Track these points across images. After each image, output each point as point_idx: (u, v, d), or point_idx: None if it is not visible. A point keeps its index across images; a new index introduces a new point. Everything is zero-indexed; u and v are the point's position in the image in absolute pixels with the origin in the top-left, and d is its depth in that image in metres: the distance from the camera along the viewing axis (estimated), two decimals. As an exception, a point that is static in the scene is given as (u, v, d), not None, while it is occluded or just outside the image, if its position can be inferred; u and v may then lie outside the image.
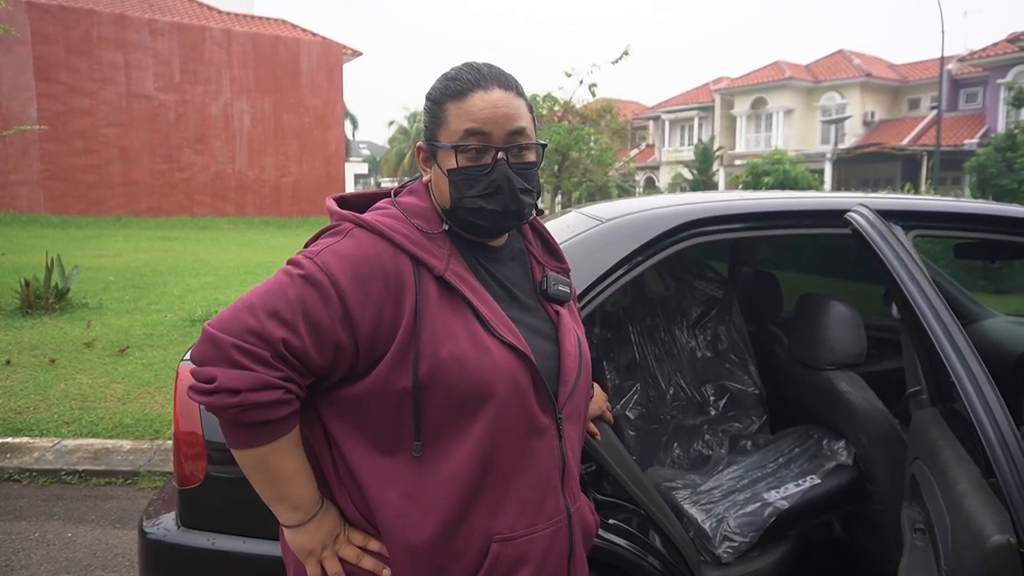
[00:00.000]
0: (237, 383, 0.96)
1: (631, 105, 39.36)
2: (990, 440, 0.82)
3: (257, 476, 1.06)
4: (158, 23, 19.21)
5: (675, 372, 2.40)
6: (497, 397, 1.03)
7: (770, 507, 1.85)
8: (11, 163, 17.32)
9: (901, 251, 1.06)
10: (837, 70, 30.95)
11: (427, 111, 1.12)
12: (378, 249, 1.04)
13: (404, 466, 1.04)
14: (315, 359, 1.01)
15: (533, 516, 1.09)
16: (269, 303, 1.00)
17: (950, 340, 0.92)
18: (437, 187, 1.12)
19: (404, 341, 1.01)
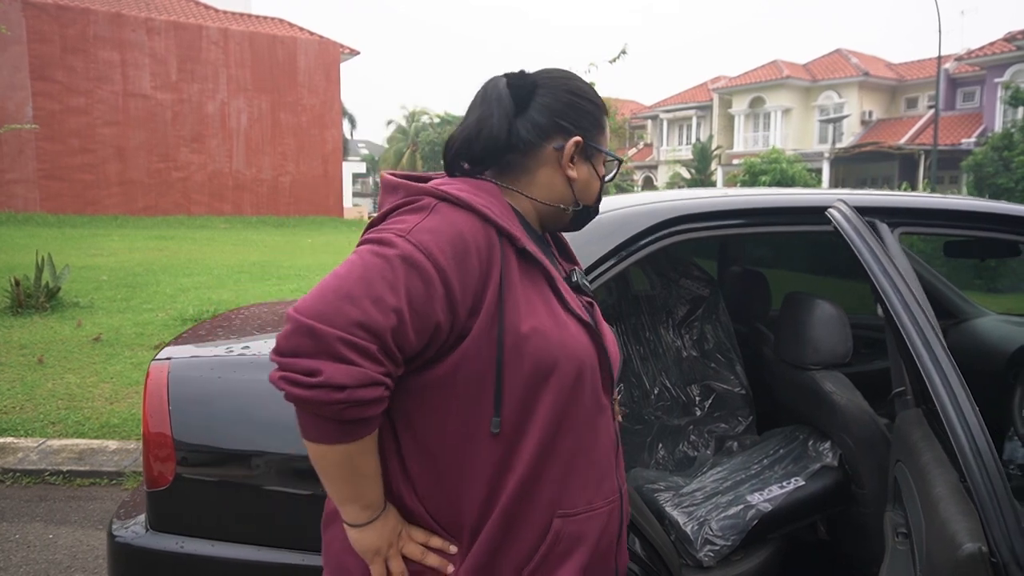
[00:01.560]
0: (344, 379, 0.90)
1: (629, 104, 39.36)
2: (961, 444, 0.79)
3: (335, 473, 1.00)
4: (155, 22, 19.17)
5: (660, 372, 2.36)
6: (573, 372, 1.04)
7: (753, 509, 1.82)
8: (7, 162, 17.29)
9: (878, 248, 1.02)
10: (835, 69, 30.94)
11: (586, 112, 1.13)
12: (469, 223, 1.00)
13: (485, 444, 1.03)
14: (415, 345, 0.97)
15: (592, 494, 1.09)
16: (371, 290, 0.93)
17: (923, 340, 0.89)
18: (584, 186, 1.14)
19: (490, 315, 1.00)
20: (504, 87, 1.12)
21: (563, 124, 1.11)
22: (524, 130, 1.11)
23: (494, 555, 1.05)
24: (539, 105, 1.11)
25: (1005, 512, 0.76)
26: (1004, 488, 0.78)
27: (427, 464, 1.05)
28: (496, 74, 1.15)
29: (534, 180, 1.13)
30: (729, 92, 33.32)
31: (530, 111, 1.11)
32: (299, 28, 22.10)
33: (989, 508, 0.76)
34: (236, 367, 1.72)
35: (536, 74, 1.15)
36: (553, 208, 1.14)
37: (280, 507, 1.61)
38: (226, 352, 1.84)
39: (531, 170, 1.13)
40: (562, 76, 1.15)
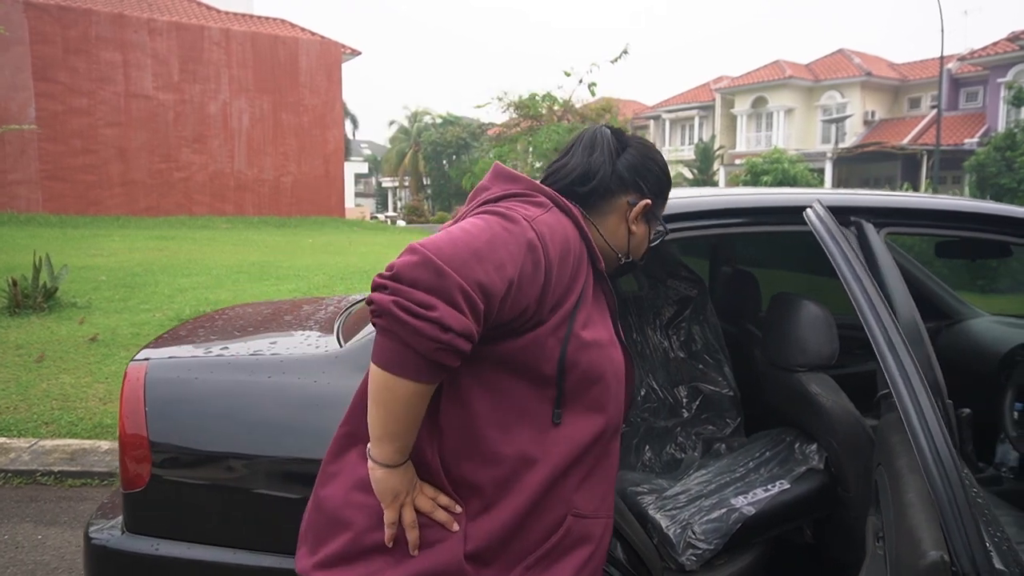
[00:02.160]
0: (453, 323, 0.97)
1: (632, 104, 39.30)
2: (923, 452, 0.77)
3: (397, 408, 1.05)
4: (157, 22, 19.19)
5: (647, 373, 2.34)
6: (613, 388, 1.18)
7: (736, 513, 1.80)
8: (9, 163, 17.30)
9: (849, 250, 1.00)
10: (838, 69, 30.85)
11: (660, 183, 1.30)
12: (572, 231, 1.15)
13: (526, 425, 1.12)
14: (504, 317, 1.05)
15: (598, 505, 1.21)
16: (497, 256, 1.02)
17: (888, 344, 0.87)
18: (637, 242, 1.30)
19: (565, 315, 1.10)
20: (610, 136, 1.29)
21: (642, 185, 1.28)
22: (610, 178, 1.27)
23: (513, 533, 1.13)
24: (627, 162, 1.28)
25: (966, 522, 0.74)
26: (966, 497, 0.76)
27: (465, 430, 1.12)
28: (599, 127, 1.33)
29: (604, 222, 1.27)
30: (731, 92, 33.25)
31: (618, 163, 1.27)
32: (301, 28, 22.11)
33: (950, 517, 0.74)
34: (214, 368, 1.71)
35: (629, 136, 1.33)
36: (611, 251, 1.28)
37: (256, 509, 1.60)
38: (204, 353, 1.83)
39: (604, 213, 1.27)
40: (647, 144, 1.33)
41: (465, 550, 1.12)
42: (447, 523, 1.13)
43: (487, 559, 1.14)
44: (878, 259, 1.81)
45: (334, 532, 1.16)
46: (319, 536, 1.18)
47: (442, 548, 1.12)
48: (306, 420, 1.59)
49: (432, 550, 1.13)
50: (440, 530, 1.13)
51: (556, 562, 1.17)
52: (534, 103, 20.11)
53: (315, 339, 1.87)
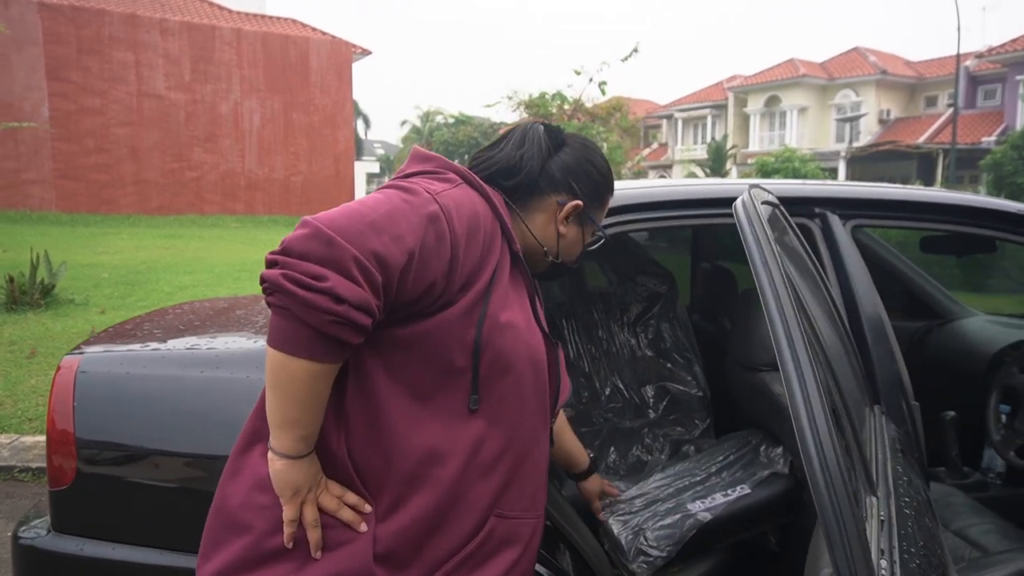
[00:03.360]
0: (347, 293, 0.92)
1: (644, 104, 39.11)
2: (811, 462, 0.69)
3: (293, 391, 0.98)
4: (169, 23, 19.31)
5: (612, 372, 2.26)
6: (530, 374, 1.12)
7: (691, 519, 1.71)
8: (23, 162, 17.48)
9: (767, 246, 0.92)
10: (852, 67, 30.50)
11: (596, 187, 1.26)
12: (483, 208, 1.10)
13: (431, 415, 1.06)
14: (407, 295, 1.00)
15: (527, 503, 1.15)
16: (394, 227, 0.97)
17: (790, 346, 0.80)
18: (568, 245, 1.26)
19: (477, 296, 1.06)
20: (543, 133, 1.25)
21: (573, 186, 1.23)
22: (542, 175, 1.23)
23: (427, 534, 1.06)
24: (560, 161, 1.24)
25: (850, 538, 0.66)
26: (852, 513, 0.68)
27: (366, 417, 1.05)
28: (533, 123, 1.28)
29: (532, 219, 1.24)
30: (744, 91, 32.97)
31: (551, 162, 1.23)
32: (312, 28, 22.17)
33: (834, 533, 0.66)
34: (146, 363, 1.66)
35: (567, 135, 1.28)
36: (538, 248, 1.24)
37: (183, 509, 1.54)
38: (140, 347, 1.77)
39: (533, 210, 1.23)
40: (589, 146, 1.29)
41: (374, 551, 1.05)
42: (354, 523, 1.05)
43: (400, 562, 1.06)
44: (842, 251, 1.72)
45: (232, 536, 1.09)
46: (216, 539, 1.11)
47: (348, 550, 1.05)
48: (237, 416, 1.52)
49: (337, 552, 1.05)
50: (346, 530, 1.05)
51: (479, 566, 1.10)
52: (544, 102, 20.05)
53: (258, 334, 1.81)
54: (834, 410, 0.93)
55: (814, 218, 1.76)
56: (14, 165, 17.23)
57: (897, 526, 0.98)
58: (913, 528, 1.01)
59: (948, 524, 2.00)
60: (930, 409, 2.27)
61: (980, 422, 2.43)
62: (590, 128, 19.11)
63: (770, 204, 1.38)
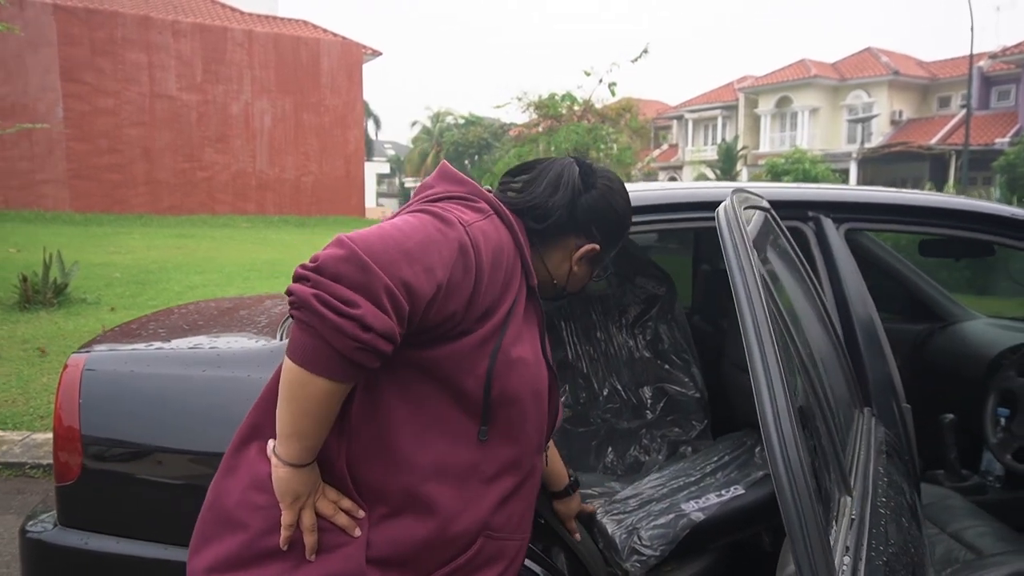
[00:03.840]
0: (376, 322, 0.93)
1: (654, 104, 39.03)
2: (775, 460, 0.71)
3: (309, 406, 1.00)
4: (181, 24, 19.47)
5: (610, 373, 2.28)
6: (533, 408, 1.14)
7: (685, 519, 1.73)
8: (38, 162, 17.67)
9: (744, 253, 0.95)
10: (864, 68, 30.32)
11: (614, 231, 1.28)
12: (507, 241, 1.12)
13: (440, 437, 1.08)
14: (428, 322, 1.02)
15: (517, 524, 1.18)
16: (427, 258, 0.99)
17: (762, 356, 0.82)
18: (578, 280, 1.29)
19: (492, 329, 1.07)
20: (578, 177, 1.24)
21: (593, 229, 1.25)
22: (567, 214, 1.23)
23: (420, 545, 1.09)
24: (586, 204, 1.24)
25: (811, 536, 0.68)
26: (813, 510, 0.70)
27: (371, 432, 1.07)
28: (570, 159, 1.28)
29: (550, 254, 1.25)
30: (755, 92, 32.85)
31: (578, 203, 1.23)
32: (323, 30, 22.28)
33: (795, 531, 0.68)
34: (150, 361, 1.70)
35: (598, 174, 1.27)
36: (549, 279, 1.26)
37: (183, 504, 1.57)
38: (145, 346, 1.81)
39: (551, 246, 1.24)
40: (612, 188, 1.28)
41: (368, 555, 1.08)
42: (348, 527, 1.08)
43: (391, 566, 1.09)
44: (835, 255, 1.74)
45: (225, 532, 1.11)
46: (208, 535, 1.13)
47: (342, 553, 1.08)
48: (238, 414, 1.56)
49: (331, 555, 1.08)
50: (340, 535, 1.08)
51: None
52: (554, 103, 20.07)
53: (260, 334, 1.84)
54: (804, 411, 0.95)
55: (807, 221, 1.77)
56: (29, 165, 17.43)
57: (869, 525, 1.00)
58: (886, 528, 1.03)
59: (945, 526, 2.01)
60: (930, 412, 2.28)
61: (979, 425, 2.44)
62: (600, 129, 19.12)
63: (759, 208, 1.40)
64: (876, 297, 1.80)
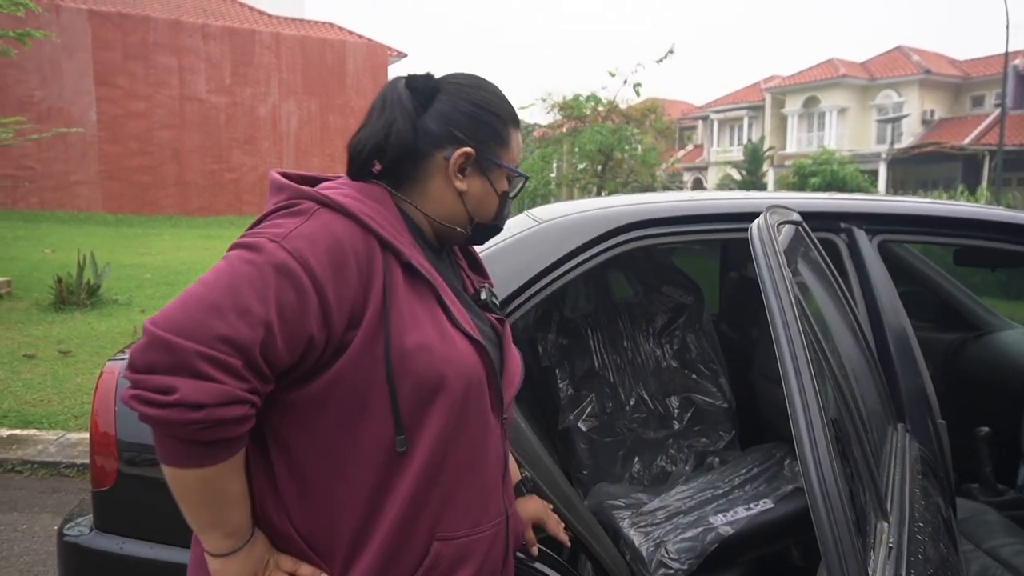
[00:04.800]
0: (203, 397, 0.84)
1: (679, 105, 38.78)
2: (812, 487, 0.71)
3: (196, 499, 0.93)
4: (211, 28, 19.77)
5: (637, 382, 2.27)
6: (460, 389, 1.00)
7: (713, 532, 1.72)
8: (72, 164, 18.05)
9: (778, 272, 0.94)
10: (895, 67, 29.81)
11: (485, 124, 1.09)
12: (349, 231, 0.96)
13: (364, 465, 0.98)
14: (285, 359, 0.91)
15: (478, 516, 1.06)
16: (238, 301, 0.87)
17: (798, 381, 0.81)
18: (477, 200, 1.10)
19: (372, 329, 0.95)
20: (404, 89, 1.08)
21: (457, 134, 1.07)
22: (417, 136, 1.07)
23: (378, 573, 0.99)
24: (436, 112, 1.08)
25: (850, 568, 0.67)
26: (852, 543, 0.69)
27: (301, 485, 0.98)
28: (393, 80, 1.11)
29: (426, 191, 1.09)
30: (782, 92, 32.47)
31: (425, 117, 1.08)
32: (348, 32, 22.48)
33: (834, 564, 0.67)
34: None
35: (441, 79, 1.12)
36: (443, 226, 1.10)
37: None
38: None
39: (421, 180, 1.08)
40: (467, 83, 1.11)
41: None
42: None
43: None
44: (868, 267, 1.72)
45: None
46: None
47: None
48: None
49: None
50: None
51: None
52: (578, 104, 20.02)
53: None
54: (841, 437, 0.93)
55: (840, 233, 1.75)
56: (63, 167, 17.81)
57: (907, 553, 0.98)
58: (924, 554, 1.01)
59: (980, 543, 1.97)
60: (964, 424, 2.24)
61: (1016, 438, 2.38)
62: (624, 130, 19.03)
63: (792, 223, 1.38)
64: (907, 305, 1.77)
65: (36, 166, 16.99)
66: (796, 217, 1.43)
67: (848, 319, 1.55)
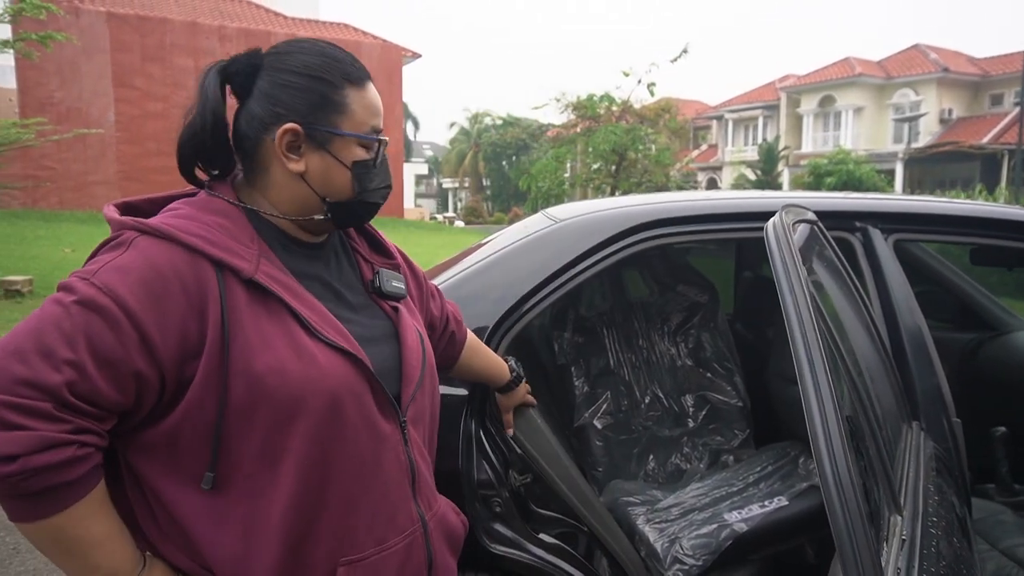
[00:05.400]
0: (12, 448, 0.79)
1: (693, 104, 38.65)
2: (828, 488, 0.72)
3: (55, 550, 0.87)
4: (227, 29, 19.97)
5: (652, 381, 2.29)
6: (323, 409, 0.93)
7: (728, 529, 1.74)
8: (90, 164, 18.30)
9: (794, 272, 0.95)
10: (912, 65, 29.52)
11: (305, 91, 0.97)
12: (170, 256, 0.89)
13: (234, 501, 0.92)
14: (112, 397, 0.86)
15: (384, 531, 1.00)
16: (41, 342, 0.82)
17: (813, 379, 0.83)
18: (322, 178, 0.99)
19: (213, 359, 0.89)
20: (213, 75, 0.99)
21: (278, 111, 0.97)
22: (244, 123, 0.99)
23: None
24: (257, 92, 0.99)
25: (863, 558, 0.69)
26: (865, 533, 0.71)
27: (175, 524, 0.93)
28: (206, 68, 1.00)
29: (270, 182, 1.00)
30: (798, 91, 32.26)
31: (249, 101, 0.99)
32: (363, 32, 22.62)
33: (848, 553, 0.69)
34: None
35: (264, 54, 1.01)
36: (298, 215, 1.01)
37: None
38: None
39: (263, 171, 1.00)
40: (286, 51, 1.00)
41: None
42: None
43: None
44: (883, 266, 1.72)
45: None
46: None
47: None
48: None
49: None
50: None
51: None
52: (592, 104, 20.00)
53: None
54: (855, 433, 0.94)
55: (855, 232, 1.76)
56: (82, 168, 18.07)
57: (920, 546, 0.99)
58: (938, 548, 1.02)
59: (996, 543, 1.97)
60: (981, 424, 2.23)
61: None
62: (638, 129, 18.99)
63: (807, 222, 1.40)
64: (923, 305, 1.78)
65: (56, 166, 17.24)
66: (811, 216, 1.45)
67: (863, 318, 1.56)
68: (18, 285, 7.58)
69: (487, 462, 1.47)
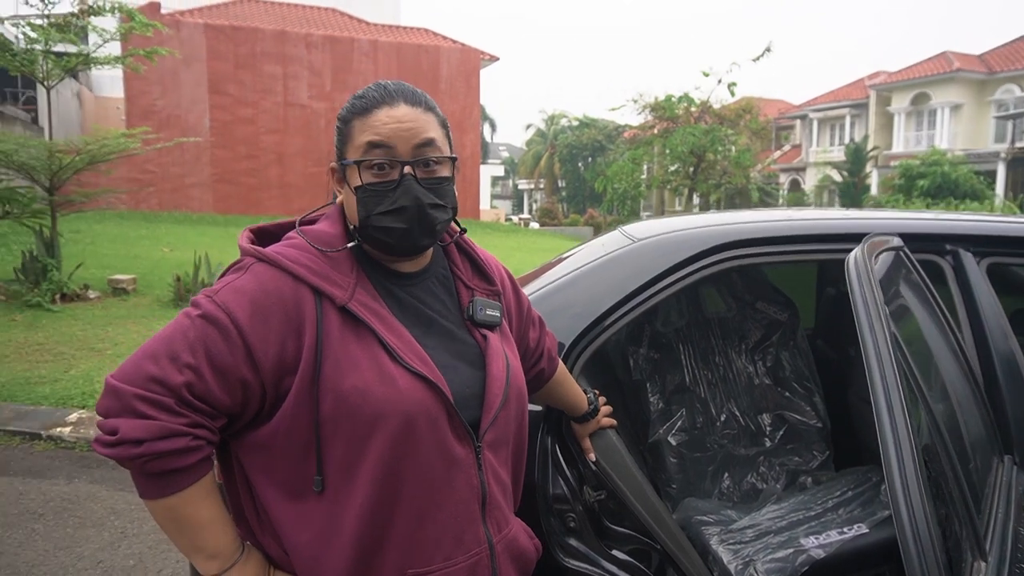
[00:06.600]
0: (140, 433, 0.95)
1: (776, 104, 37.44)
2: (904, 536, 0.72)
3: (170, 527, 1.03)
4: (313, 37, 20.73)
5: (728, 398, 2.27)
6: (402, 427, 1.01)
7: (804, 554, 1.71)
8: (187, 167, 19.37)
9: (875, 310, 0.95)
10: (1017, 59, 27.64)
11: (336, 132, 1.14)
12: (278, 282, 1.03)
13: (314, 506, 1.03)
14: (223, 400, 1.00)
15: (451, 549, 1.07)
16: (170, 348, 0.98)
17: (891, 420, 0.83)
18: (349, 207, 1.12)
19: (307, 376, 1.00)
20: None
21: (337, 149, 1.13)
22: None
23: None
24: None
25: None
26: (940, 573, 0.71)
27: (267, 519, 1.06)
28: None
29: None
30: (888, 88, 30.75)
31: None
32: (443, 37, 23.02)
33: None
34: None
35: None
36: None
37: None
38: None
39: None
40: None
41: None
42: None
43: None
44: (975, 292, 1.66)
45: None
46: None
47: None
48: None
49: None
50: None
51: None
52: (670, 105, 19.70)
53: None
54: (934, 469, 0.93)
55: (945, 255, 1.71)
56: (180, 171, 19.14)
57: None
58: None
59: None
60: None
61: None
62: (717, 130, 18.60)
63: (892, 248, 1.38)
64: (1020, 330, 1.70)
65: (156, 170, 18.32)
66: (896, 243, 1.42)
67: (951, 345, 1.51)
68: (124, 284, 8.14)
69: (562, 477, 1.51)
